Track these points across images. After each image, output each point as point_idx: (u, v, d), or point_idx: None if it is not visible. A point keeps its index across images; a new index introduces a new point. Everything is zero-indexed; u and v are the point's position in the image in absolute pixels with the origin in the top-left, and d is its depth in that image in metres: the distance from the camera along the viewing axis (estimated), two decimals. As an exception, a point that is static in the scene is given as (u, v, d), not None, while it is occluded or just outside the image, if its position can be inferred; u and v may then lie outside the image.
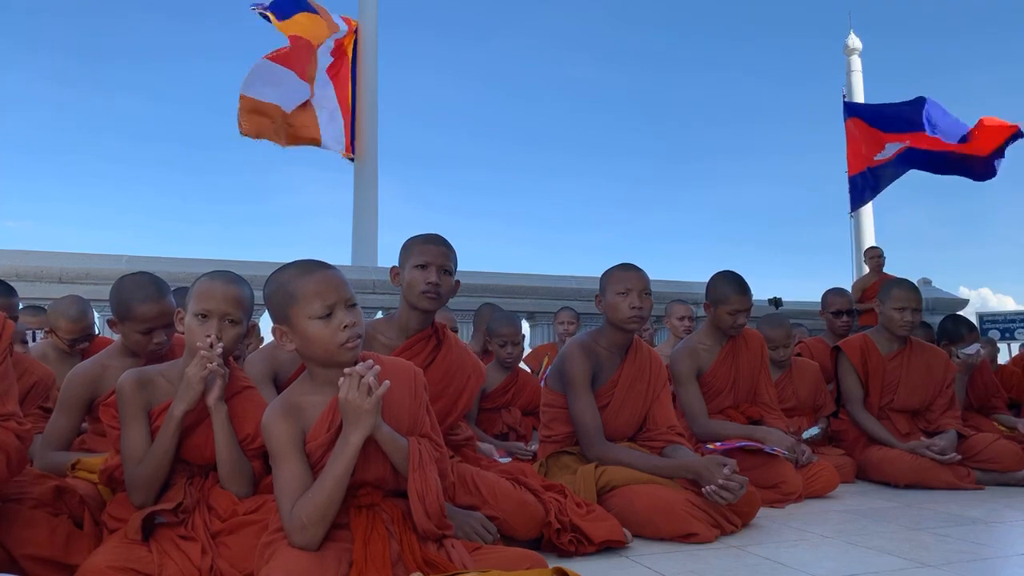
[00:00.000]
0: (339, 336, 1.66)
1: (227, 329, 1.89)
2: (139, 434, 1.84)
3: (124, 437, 1.86)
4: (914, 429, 3.72)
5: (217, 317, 1.88)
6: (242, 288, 1.95)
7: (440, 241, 2.44)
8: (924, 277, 8.67)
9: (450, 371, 2.42)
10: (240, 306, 1.93)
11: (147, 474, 1.81)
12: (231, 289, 1.92)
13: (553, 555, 2.11)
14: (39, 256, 5.40)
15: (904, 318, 3.67)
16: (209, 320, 1.87)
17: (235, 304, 1.91)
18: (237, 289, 1.93)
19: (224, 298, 1.89)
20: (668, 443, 2.75)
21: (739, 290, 3.33)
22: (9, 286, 3.18)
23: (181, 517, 1.79)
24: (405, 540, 1.65)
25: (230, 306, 1.90)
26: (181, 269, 5.09)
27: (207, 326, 1.86)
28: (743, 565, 2.10)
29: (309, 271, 1.71)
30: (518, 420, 4.00)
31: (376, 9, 9.19)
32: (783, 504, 2.97)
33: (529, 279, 6.76)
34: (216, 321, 1.87)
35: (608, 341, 2.82)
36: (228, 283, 1.93)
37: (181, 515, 1.79)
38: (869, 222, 14.99)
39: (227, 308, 1.89)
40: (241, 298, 1.94)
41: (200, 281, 1.93)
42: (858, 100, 14.36)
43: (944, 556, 2.18)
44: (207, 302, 1.88)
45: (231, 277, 1.95)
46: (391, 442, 1.67)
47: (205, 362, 1.80)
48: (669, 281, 6.69)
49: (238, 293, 1.93)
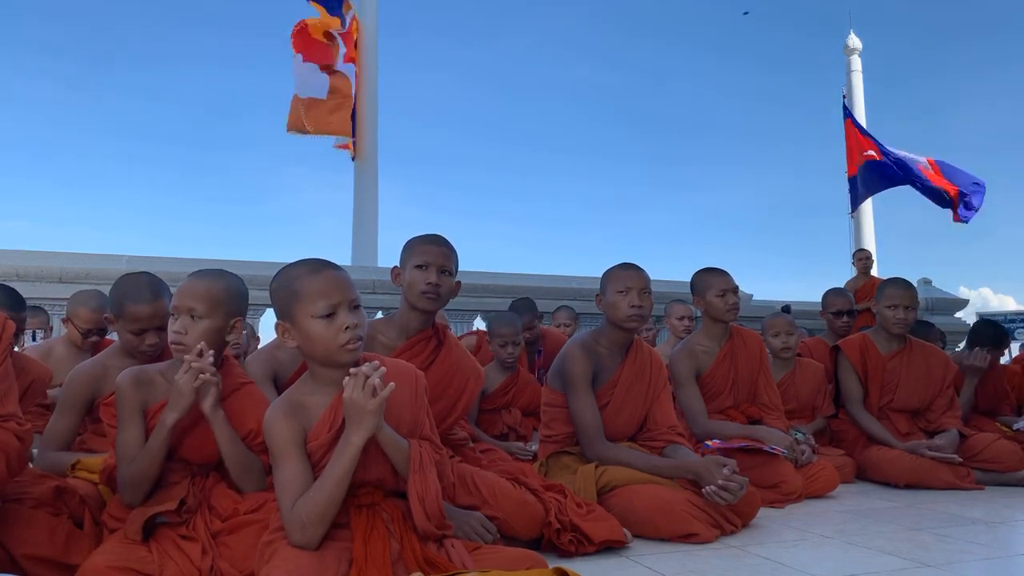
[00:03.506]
0: (340, 337, 1.66)
1: (192, 324, 1.86)
2: (133, 434, 1.84)
3: (119, 435, 1.86)
4: (914, 429, 3.72)
5: (184, 313, 1.86)
6: (214, 282, 1.91)
7: (441, 242, 2.44)
8: (924, 277, 8.69)
9: (450, 372, 2.42)
10: (206, 300, 1.87)
11: (136, 474, 1.80)
12: (199, 283, 1.89)
13: (553, 555, 2.11)
14: (39, 256, 5.40)
15: (897, 316, 3.68)
16: (177, 317, 1.87)
17: (199, 298, 1.87)
18: (206, 282, 1.90)
19: (189, 293, 1.87)
20: (668, 443, 2.75)
21: (719, 272, 3.43)
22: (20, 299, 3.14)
23: (184, 517, 1.79)
24: (405, 539, 1.65)
25: (194, 300, 1.87)
26: (181, 269, 5.05)
27: (176, 323, 1.86)
28: (743, 565, 2.10)
29: (316, 270, 1.71)
30: (518, 420, 4.00)
31: (376, 9, 9.19)
32: (783, 504, 2.97)
33: (529, 279, 6.76)
34: (182, 317, 1.86)
35: (608, 341, 2.82)
36: (199, 278, 1.91)
37: (184, 515, 1.79)
38: (869, 222, 14.99)
39: (191, 303, 1.86)
40: (209, 292, 1.89)
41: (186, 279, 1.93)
42: (858, 99, 14.37)
43: (944, 556, 2.18)
44: (175, 298, 1.89)
45: (207, 272, 1.93)
46: (392, 443, 1.67)
47: (196, 372, 1.78)
48: (669, 281, 6.69)
49: (206, 287, 1.89)
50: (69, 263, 5.40)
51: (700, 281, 3.44)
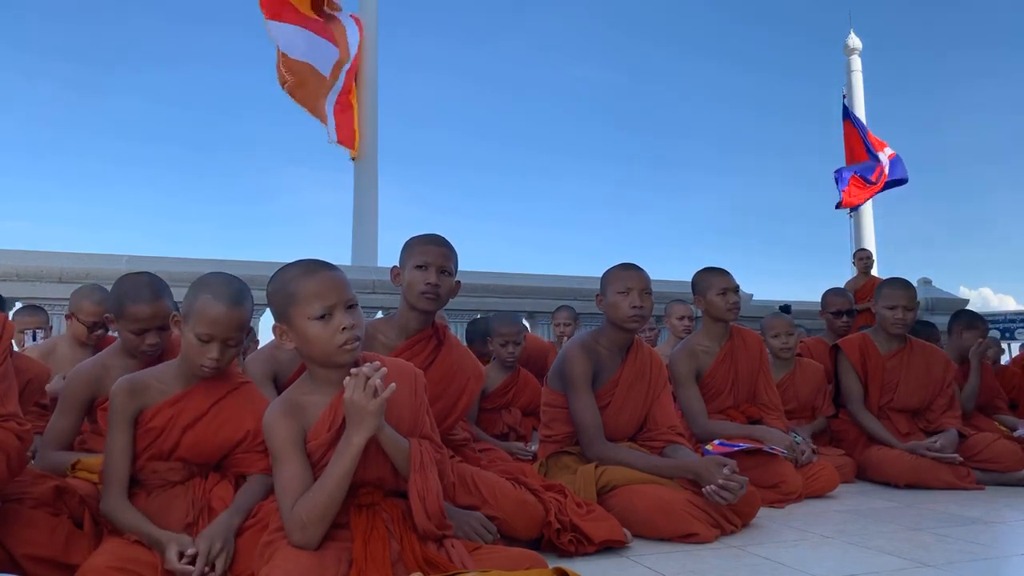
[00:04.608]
0: (337, 338, 1.66)
1: (228, 351, 1.88)
2: (120, 443, 1.84)
3: (107, 441, 1.87)
4: (914, 429, 3.72)
5: (220, 341, 1.86)
6: (245, 307, 1.90)
7: (440, 242, 2.44)
8: (924, 277, 8.69)
9: (450, 372, 2.42)
10: (242, 328, 1.90)
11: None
12: (235, 313, 1.86)
13: (553, 555, 2.11)
14: (39, 256, 5.39)
15: (896, 316, 3.68)
16: (211, 344, 1.85)
17: (238, 328, 1.88)
18: (240, 312, 1.88)
19: (228, 324, 1.86)
20: (668, 443, 2.75)
21: (720, 272, 3.45)
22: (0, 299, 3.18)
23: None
24: (405, 539, 1.65)
25: (233, 331, 1.87)
26: (181, 269, 5.09)
27: (208, 348, 1.85)
28: (743, 565, 2.10)
29: (311, 271, 1.71)
30: (518, 420, 4.00)
31: (376, 9, 9.18)
32: (783, 504, 2.97)
33: (529, 279, 6.76)
34: (218, 345, 1.86)
35: (609, 341, 2.82)
36: (232, 306, 1.85)
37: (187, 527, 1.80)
38: (869, 222, 14.99)
39: (230, 333, 1.87)
40: (243, 321, 1.90)
41: (204, 299, 1.84)
42: (858, 99, 14.40)
43: (944, 556, 2.18)
44: (211, 327, 1.84)
45: (235, 297, 1.87)
46: (393, 443, 1.67)
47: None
48: (669, 281, 6.69)
49: (241, 316, 1.89)
50: (69, 263, 5.39)
51: (701, 280, 3.45)
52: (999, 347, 5.32)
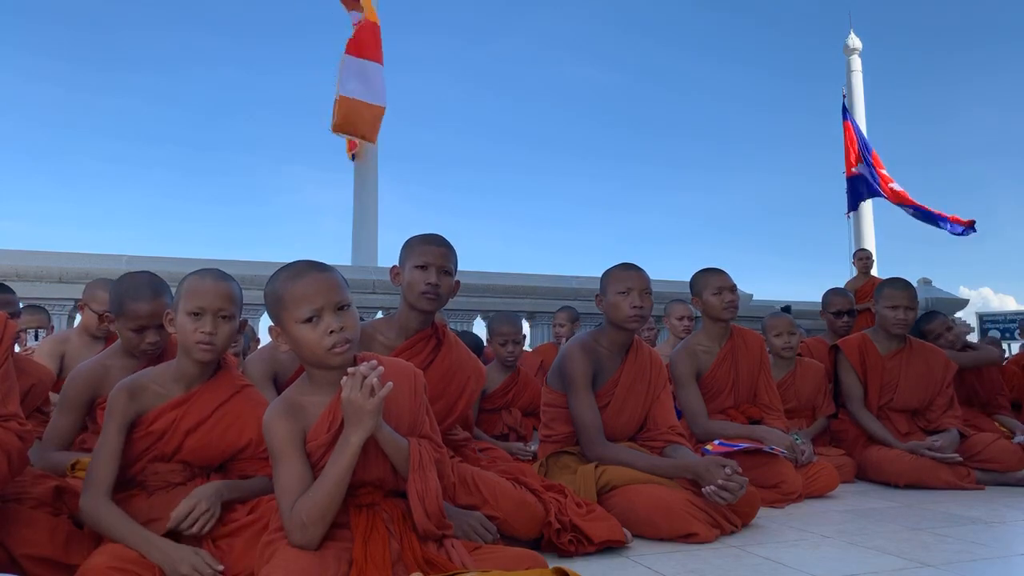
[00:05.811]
0: (325, 341, 1.65)
1: (221, 325, 1.88)
2: (111, 446, 1.83)
3: (99, 441, 1.86)
4: (914, 429, 3.72)
5: (211, 313, 1.86)
6: (231, 284, 1.95)
7: (440, 242, 2.44)
8: (924, 277, 8.70)
9: (450, 372, 2.42)
10: (232, 301, 1.91)
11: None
12: (222, 285, 1.90)
13: (553, 555, 2.11)
14: (39, 256, 5.40)
15: (897, 316, 3.68)
16: (203, 317, 1.86)
17: (227, 299, 1.89)
18: (227, 285, 1.92)
19: (217, 294, 1.88)
20: (668, 443, 2.75)
21: (716, 271, 3.45)
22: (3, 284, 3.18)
23: None
24: (405, 539, 1.65)
25: (223, 301, 1.88)
26: (181, 269, 5.05)
27: (201, 322, 1.85)
28: (743, 565, 2.10)
29: (298, 275, 1.70)
30: (518, 421, 4.00)
31: (376, 9, 9.18)
32: (783, 504, 2.97)
33: (529, 279, 6.76)
34: (211, 317, 1.86)
35: (609, 341, 2.82)
36: (218, 279, 1.91)
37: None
38: (869, 222, 14.97)
39: (220, 304, 1.88)
40: (232, 294, 1.93)
41: (189, 280, 1.91)
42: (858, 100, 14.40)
43: (944, 556, 2.18)
44: (200, 299, 1.86)
45: (219, 274, 1.94)
46: (391, 443, 1.67)
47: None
48: (669, 281, 6.69)
49: (229, 289, 1.92)
50: (69, 263, 5.40)
51: (698, 280, 3.46)
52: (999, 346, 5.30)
